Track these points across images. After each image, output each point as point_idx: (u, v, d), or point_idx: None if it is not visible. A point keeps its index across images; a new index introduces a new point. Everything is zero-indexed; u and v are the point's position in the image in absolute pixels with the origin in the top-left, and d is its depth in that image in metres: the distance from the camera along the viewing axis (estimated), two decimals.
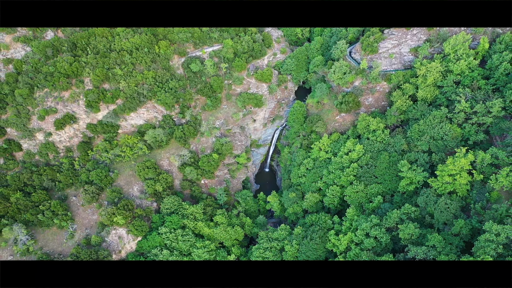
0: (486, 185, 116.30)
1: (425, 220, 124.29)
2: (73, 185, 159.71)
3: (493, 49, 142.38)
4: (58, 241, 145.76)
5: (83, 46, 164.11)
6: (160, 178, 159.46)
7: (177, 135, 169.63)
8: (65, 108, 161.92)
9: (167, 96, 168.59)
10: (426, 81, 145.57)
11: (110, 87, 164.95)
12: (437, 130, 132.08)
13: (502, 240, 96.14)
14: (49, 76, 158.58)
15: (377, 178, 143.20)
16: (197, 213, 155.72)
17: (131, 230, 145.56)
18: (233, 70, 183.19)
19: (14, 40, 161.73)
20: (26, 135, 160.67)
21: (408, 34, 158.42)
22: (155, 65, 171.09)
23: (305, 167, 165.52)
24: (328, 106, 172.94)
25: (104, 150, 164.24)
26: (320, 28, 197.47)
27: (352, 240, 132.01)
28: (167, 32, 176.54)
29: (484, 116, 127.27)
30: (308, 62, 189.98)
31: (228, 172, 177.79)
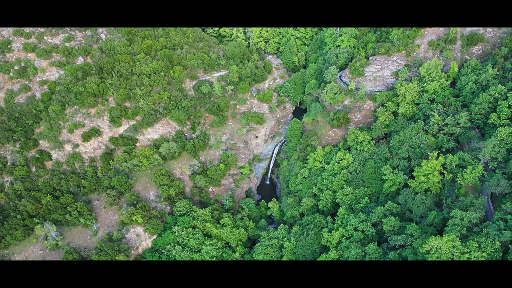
0: (455, 183, 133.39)
1: (405, 215, 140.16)
2: (96, 190, 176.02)
3: (462, 72, 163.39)
4: (83, 238, 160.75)
5: (109, 70, 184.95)
6: (173, 185, 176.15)
7: (188, 147, 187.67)
8: (91, 123, 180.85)
9: (180, 113, 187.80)
10: (405, 99, 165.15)
11: (131, 105, 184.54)
12: (415, 139, 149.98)
13: (465, 223, 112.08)
14: (79, 95, 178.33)
15: (365, 182, 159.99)
16: (205, 215, 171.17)
17: (147, 228, 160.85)
18: (238, 92, 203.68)
19: (50, 65, 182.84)
20: (57, 146, 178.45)
21: (390, 60, 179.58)
22: (170, 86, 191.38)
23: (302, 176, 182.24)
24: (322, 123, 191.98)
25: (124, 160, 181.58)
26: (314, 55, 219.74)
27: (343, 235, 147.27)
28: (181, 59, 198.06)
29: (454, 127, 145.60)
30: (304, 85, 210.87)
31: (233, 182, 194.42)
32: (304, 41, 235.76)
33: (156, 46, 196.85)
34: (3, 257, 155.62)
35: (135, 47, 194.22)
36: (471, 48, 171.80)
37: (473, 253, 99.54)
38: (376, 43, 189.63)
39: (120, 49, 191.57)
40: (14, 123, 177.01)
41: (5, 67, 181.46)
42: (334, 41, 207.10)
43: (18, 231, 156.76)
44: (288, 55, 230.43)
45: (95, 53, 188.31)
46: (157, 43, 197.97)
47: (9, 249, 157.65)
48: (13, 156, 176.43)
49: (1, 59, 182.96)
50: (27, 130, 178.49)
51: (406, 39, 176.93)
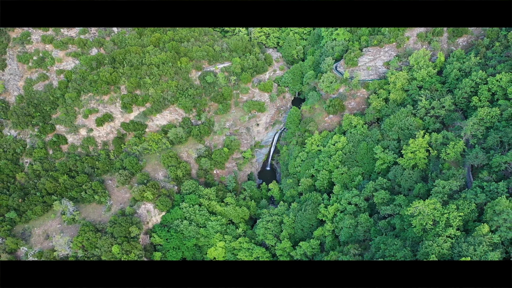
0: (439, 159, 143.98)
1: (395, 189, 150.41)
2: (109, 171, 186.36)
3: (448, 61, 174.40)
4: (97, 213, 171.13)
5: (121, 60, 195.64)
6: (180, 166, 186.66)
7: (194, 133, 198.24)
8: (104, 109, 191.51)
9: (187, 101, 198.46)
10: (396, 86, 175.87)
11: (141, 92, 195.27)
12: (404, 122, 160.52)
13: (446, 191, 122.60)
14: (93, 83, 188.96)
15: (358, 162, 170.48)
16: (210, 194, 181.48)
17: (157, 205, 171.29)
18: (240, 82, 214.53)
19: (66, 55, 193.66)
20: (72, 131, 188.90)
21: (381, 51, 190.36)
22: (177, 76, 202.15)
23: (300, 159, 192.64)
24: (319, 110, 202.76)
25: (134, 144, 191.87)
26: (312, 49, 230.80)
27: (338, 209, 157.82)
28: (187, 51, 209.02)
29: (439, 110, 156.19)
30: (302, 76, 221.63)
31: (236, 165, 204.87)
32: (302, 36, 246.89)
33: (164, 39, 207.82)
34: (24, 229, 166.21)
35: (144, 40, 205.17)
36: (456, 40, 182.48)
37: (451, 213, 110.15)
38: (369, 35, 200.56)
39: (131, 41, 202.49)
40: (33, 109, 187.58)
41: (24, 57, 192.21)
42: (330, 35, 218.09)
43: (38, 207, 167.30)
44: (287, 49, 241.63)
45: (108, 44, 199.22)
46: (165, 36, 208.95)
47: (29, 223, 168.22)
48: (32, 139, 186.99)
49: (21, 50, 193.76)
50: (45, 116, 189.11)
51: (396, 31, 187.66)
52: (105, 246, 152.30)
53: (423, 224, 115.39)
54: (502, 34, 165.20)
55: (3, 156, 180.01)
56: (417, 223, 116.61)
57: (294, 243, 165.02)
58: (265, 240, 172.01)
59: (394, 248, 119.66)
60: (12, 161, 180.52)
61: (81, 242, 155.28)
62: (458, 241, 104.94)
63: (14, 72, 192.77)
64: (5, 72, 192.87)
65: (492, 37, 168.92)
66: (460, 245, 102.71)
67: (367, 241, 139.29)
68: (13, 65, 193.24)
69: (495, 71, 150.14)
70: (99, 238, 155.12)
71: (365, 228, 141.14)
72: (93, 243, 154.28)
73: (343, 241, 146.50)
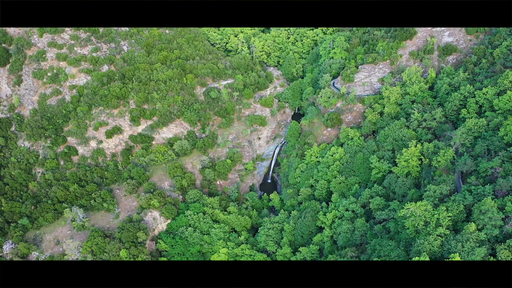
0: (431, 167, 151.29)
1: (390, 196, 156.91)
2: (117, 181, 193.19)
3: (438, 77, 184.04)
4: (106, 220, 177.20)
5: (130, 76, 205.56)
6: (185, 176, 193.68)
7: (199, 145, 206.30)
8: (114, 122, 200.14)
9: (192, 115, 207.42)
10: (390, 101, 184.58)
11: (149, 107, 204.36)
12: (398, 133, 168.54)
13: (437, 195, 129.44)
14: (104, 97, 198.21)
15: (355, 172, 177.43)
16: (214, 203, 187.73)
17: (163, 212, 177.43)
18: (243, 97, 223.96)
19: (79, 71, 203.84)
20: (83, 142, 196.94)
21: (376, 68, 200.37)
22: (183, 92, 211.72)
23: (300, 170, 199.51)
24: (317, 124, 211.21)
25: (141, 156, 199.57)
26: (311, 67, 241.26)
27: (336, 216, 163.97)
28: (193, 68, 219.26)
29: (431, 122, 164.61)
30: (302, 92, 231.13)
31: (239, 177, 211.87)
32: (302, 55, 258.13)
33: (171, 57, 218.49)
34: (36, 235, 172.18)
35: (152, 57, 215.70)
36: (446, 57, 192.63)
37: (441, 214, 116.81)
38: (364, 54, 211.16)
39: (140, 59, 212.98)
40: (46, 122, 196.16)
41: (39, 73, 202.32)
42: (328, 53, 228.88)
43: (49, 214, 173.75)
44: (287, 67, 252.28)
45: (118, 62, 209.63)
46: (172, 54, 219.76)
47: (41, 229, 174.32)
48: (44, 150, 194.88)
49: (36, 67, 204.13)
50: (57, 128, 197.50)
51: (390, 50, 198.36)
52: (113, 250, 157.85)
53: (415, 225, 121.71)
54: (489, 52, 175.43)
55: (17, 166, 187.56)
56: (410, 224, 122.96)
57: (294, 249, 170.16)
58: (266, 247, 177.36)
59: (389, 248, 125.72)
60: (25, 171, 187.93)
61: (90, 247, 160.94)
62: (447, 239, 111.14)
63: (29, 87, 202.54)
64: (21, 87, 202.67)
65: (479, 55, 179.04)
66: (450, 243, 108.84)
67: (363, 244, 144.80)
68: (29, 81, 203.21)
69: (482, 85, 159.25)
70: (107, 243, 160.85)
71: (362, 232, 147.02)
72: (102, 248, 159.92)
73: (341, 246, 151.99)
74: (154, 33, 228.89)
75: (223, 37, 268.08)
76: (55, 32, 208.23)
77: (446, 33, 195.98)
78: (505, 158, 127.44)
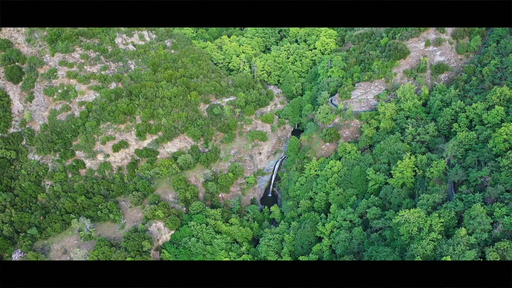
0: (425, 178, 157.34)
1: (386, 206, 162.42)
2: (123, 193, 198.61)
3: (431, 94, 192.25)
4: (112, 231, 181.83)
5: (137, 93, 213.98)
6: (189, 188, 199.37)
7: (202, 159, 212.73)
8: (121, 136, 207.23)
9: (195, 130, 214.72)
10: (385, 116, 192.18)
11: (154, 122, 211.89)
12: (393, 147, 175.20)
13: (430, 203, 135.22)
14: (111, 113, 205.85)
15: (352, 184, 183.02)
16: (216, 215, 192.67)
17: (167, 223, 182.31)
18: (245, 114, 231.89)
19: (88, 88, 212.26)
20: (90, 156, 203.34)
21: (372, 86, 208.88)
22: (187, 108, 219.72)
23: (300, 183, 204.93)
24: (316, 139, 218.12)
25: (147, 169, 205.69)
26: (310, 85, 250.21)
27: (334, 226, 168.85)
28: (197, 86, 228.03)
29: (424, 136, 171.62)
30: (301, 109, 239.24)
31: (240, 190, 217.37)
32: (301, 74, 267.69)
33: (176, 75, 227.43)
34: (44, 245, 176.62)
35: (158, 76, 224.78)
36: (439, 75, 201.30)
37: (434, 220, 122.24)
38: (360, 72, 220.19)
39: (146, 77, 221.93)
40: (56, 136, 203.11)
41: (50, 90, 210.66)
42: (326, 72, 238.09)
43: (57, 224, 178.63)
44: (287, 85, 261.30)
45: (125, 79, 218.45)
46: (177, 73, 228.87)
47: (48, 239, 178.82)
48: (53, 164, 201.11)
49: (47, 84, 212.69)
50: (66, 143, 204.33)
51: (385, 68, 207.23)
52: (119, 259, 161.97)
53: (410, 231, 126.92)
54: (478, 70, 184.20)
55: (27, 178, 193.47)
56: (404, 230, 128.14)
57: (294, 258, 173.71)
58: (267, 257, 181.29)
59: (385, 254, 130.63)
60: (35, 183, 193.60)
61: (97, 256, 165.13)
62: (440, 243, 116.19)
63: (40, 104, 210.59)
64: (32, 103, 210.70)
65: (469, 73, 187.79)
66: (442, 247, 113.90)
67: (361, 252, 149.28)
68: (40, 97, 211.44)
69: (472, 101, 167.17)
70: (113, 252, 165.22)
71: (359, 240, 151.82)
72: (108, 257, 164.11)
73: (339, 254, 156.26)
74: (160, 52, 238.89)
75: (226, 57, 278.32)
76: (66, 52, 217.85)
77: (438, 52, 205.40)
78: (494, 168, 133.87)
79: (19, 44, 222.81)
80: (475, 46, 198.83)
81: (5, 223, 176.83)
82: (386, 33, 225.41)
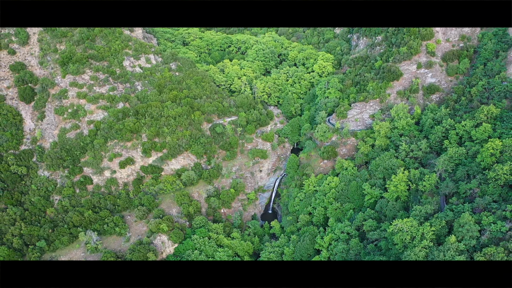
0: (418, 192, 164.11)
1: (381, 219, 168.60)
2: (128, 208, 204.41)
3: (423, 113, 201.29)
4: (117, 244, 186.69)
5: (143, 112, 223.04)
6: (192, 204, 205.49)
7: (205, 176, 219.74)
8: (127, 154, 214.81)
9: (199, 148, 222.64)
10: (380, 134, 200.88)
11: (159, 140, 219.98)
12: (388, 163, 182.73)
13: (423, 214, 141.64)
14: (119, 131, 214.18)
15: (349, 198, 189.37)
16: (218, 229, 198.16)
17: (171, 236, 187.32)
18: (246, 133, 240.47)
19: (97, 108, 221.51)
20: (98, 172, 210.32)
21: (367, 106, 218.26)
22: (191, 127, 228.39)
23: (299, 199, 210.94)
24: (315, 156, 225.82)
25: (151, 185, 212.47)
26: (308, 106, 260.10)
27: (332, 239, 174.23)
28: (200, 106, 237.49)
29: (417, 152, 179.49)
30: (300, 129, 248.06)
31: (241, 206, 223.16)
32: (300, 95, 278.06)
33: (180, 96, 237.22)
34: (52, 258, 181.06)
35: (164, 96, 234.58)
36: (430, 96, 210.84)
37: (425, 228, 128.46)
38: (356, 93, 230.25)
39: (152, 97, 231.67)
40: (65, 153, 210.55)
41: (60, 110, 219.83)
42: (323, 93, 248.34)
43: (65, 237, 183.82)
44: (286, 106, 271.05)
45: (132, 100, 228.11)
46: (181, 94, 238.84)
47: (56, 252, 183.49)
48: (62, 179, 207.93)
49: (58, 104, 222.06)
50: (75, 159, 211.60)
51: (379, 89, 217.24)
52: None
53: (403, 240, 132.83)
54: (467, 91, 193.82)
55: (37, 193, 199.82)
56: (398, 239, 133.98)
57: None
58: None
59: None
60: (44, 198, 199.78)
61: None
62: (431, 250, 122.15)
63: (51, 122, 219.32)
64: (43, 122, 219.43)
65: (459, 93, 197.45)
66: (433, 253, 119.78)
67: None
68: (51, 117, 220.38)
69: (461, 119, 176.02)
70: None
71: (356, 251, 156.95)
72: None
73: None
74: (165, 75, 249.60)
75: (228, 79, 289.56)
76: (77, 73, 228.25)
77: (429, 74, 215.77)
78: (482, 180, 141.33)
79: (32, 67, 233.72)
80: (463, 68, 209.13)
81: (15, 236, 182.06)
82: (380, 57, 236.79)
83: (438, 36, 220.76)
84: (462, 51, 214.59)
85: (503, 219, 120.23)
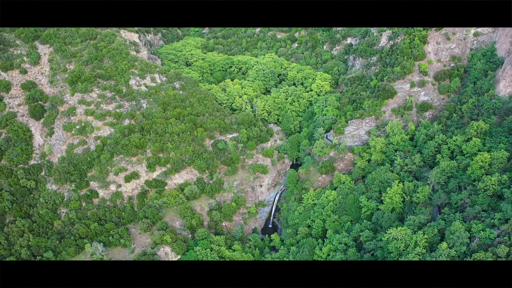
0: (412, 203, 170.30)
1: (378, 230, 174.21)
2: (133, 221, 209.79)
3: (417, 129, 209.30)
4: (122, 255, 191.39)
5: (148, 129, 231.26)
6: (194, 217, 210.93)
7: (207, 190, 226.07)
8: (132, 168, 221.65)
9: (201, 163, 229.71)
10: (376, 150, 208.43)
11: (163, 155, 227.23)
12: (383, 176, 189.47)
13: (416, 223, 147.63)
14: (124, 147, 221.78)
15: (347, 211, 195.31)
16: (220, 241, 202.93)
17: (174, 248, 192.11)
18: (247, 149, 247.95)
19: (104, 124, 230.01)
20: (104, 186, 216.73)
21: (363, 122, 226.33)
22: (194, 143, 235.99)
23: (298, 212, 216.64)
24: (313, 171, 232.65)
25: (155, 199, 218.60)
26: (306, 123, 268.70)
27: (330, 249, 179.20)
28: (203, 123, 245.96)
29: (411, 166, 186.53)
30: (299, 145, 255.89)
31: (242, 219, 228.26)
32: (298, 113, 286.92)
33: (184, 113, 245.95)
34: None
35: (168, 113, 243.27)
36: (423, 113, 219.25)
37: (419, 236, 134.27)
38: (353, 111, 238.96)
39: (157, 114, 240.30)
40: (72, 168, 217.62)
41: (69, 126, 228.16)
42: (321, 111, 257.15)
43: (71, 248, 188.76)
44: (286, 124, 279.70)
45: (138, 117, 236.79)
46: (184, 111, 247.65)
47: None
48: (69, 193, 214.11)
49: (67, 121, 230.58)
50: (82, 174, 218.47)
51: (375, 107, 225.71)
52: None
53: (398, 248, 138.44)
54: (458, 108, 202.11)
55: (45, 206, 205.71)
56: (393, 247, 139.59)
57: None
58: None
59: None
60: (51, 210, 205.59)
61: None
62: (424, 256, 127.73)
63: (59, 138, 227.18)
64: (52, 138, 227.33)
65: (450, 110, 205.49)
66: (425, 259, 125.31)
67: None
68: (59, 133, 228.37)
69: (453, 134, 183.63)
70: None
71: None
72: None
73: None
74: (170, 93, 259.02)
75: (229, 97, 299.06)
76: (85, 92, 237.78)
77: (422, 93, 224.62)
78: (472, 191, 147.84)
79: (43, 85, 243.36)
80: (455, 87, 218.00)
81: (23, 247, 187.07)
82: (375, 76, 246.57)
83: (430, 57, 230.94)
84: (453, 71, 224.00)
85: (491, 226, 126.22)
